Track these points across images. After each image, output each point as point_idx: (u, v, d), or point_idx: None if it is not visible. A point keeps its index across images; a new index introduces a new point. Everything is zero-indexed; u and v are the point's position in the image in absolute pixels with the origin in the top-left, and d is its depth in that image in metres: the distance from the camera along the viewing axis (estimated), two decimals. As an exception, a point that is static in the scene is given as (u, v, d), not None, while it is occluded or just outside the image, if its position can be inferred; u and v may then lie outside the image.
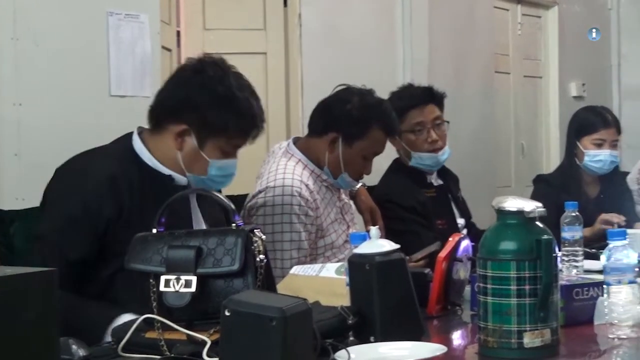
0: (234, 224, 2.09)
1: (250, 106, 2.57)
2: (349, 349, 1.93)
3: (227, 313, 1.67)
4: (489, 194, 5.45)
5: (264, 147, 4.67)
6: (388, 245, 2.16)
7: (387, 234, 3.22)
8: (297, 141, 3.37)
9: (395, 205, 3.74)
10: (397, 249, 2.16)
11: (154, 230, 2.14)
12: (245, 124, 2.57)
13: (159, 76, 3.99)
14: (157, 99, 2.62)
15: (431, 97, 3.82)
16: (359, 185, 3.50)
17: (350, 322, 2.07)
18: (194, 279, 2.02)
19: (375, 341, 2.06)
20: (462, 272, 2.60)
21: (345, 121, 3.25)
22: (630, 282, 2.18)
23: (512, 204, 2.04)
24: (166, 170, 2.57)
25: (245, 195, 3.29)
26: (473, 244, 2.60)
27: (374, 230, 2.20)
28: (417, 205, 3.77)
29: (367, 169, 3.32)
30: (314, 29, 5.18)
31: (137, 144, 2.60)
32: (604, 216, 4.02)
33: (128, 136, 2.63)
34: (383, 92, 3.54)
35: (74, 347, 1.94)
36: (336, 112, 3.28)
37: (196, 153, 2.57)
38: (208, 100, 2.53)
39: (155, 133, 2.60)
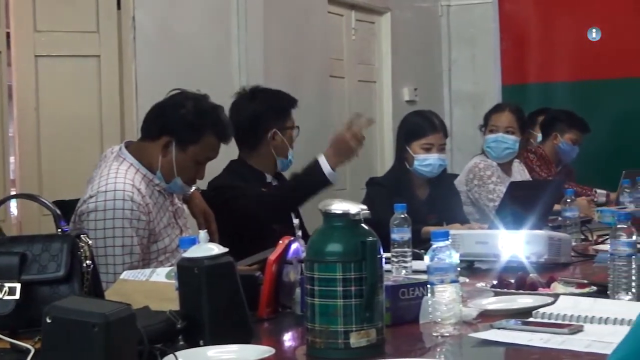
0: (59, 230, 2.06)
1: None
2: (177, 353, 1.93)
3: (48, 320, 1.65)
4: (325, 196, 5.49)
5: (97, 151, 4.59)
6: (217, 249, 2.17)
7: (222, 238, 3.23)
8: (129, 145, 3.33)
9: (229, 206, 3.75)
10: (226, 252, 2.18)
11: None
12: None
13: (-13, 79, 3.89)
14: None
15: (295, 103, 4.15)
16: (193, 189, 3.50)
17: (179, 326, 2.08)
18: (17, 286, 1.99)
19: (205, 345, 2.07)
20: (292, 274, 2.63)
21: (179, 126, 3.24)
22: (453, 282, 2.25)
23: (338, 206, 2.08)
24: None
25: (77, 200, 3.24)
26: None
27: (203, 234, 2.20)
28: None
29: (200, 174, 3.32)
30: (148, 32, 5.13)
31: None
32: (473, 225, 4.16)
33: None
34: (218, 96, 3.53)
35: None
36: (170, 116, 3.26)
37: None
38: None
39: None
